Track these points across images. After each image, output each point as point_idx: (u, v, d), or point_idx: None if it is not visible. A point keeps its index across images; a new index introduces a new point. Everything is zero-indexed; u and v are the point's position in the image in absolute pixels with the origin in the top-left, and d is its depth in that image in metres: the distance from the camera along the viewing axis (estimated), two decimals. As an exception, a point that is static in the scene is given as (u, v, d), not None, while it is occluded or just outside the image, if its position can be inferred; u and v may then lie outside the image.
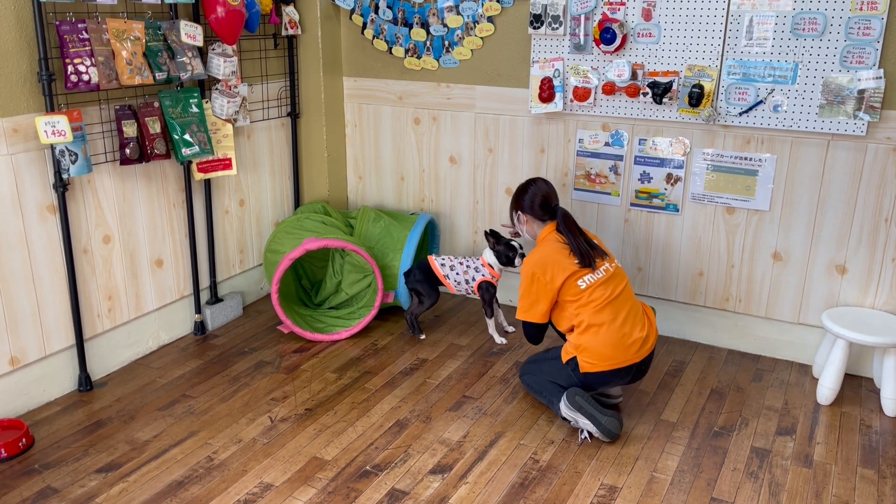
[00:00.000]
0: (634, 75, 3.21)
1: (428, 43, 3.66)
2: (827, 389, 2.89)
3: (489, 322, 3.40)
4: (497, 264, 3.33)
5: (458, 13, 3.53)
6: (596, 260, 2.74)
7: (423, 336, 3.45)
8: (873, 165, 2.91)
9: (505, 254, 3.29)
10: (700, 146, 3.20)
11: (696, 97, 3.09)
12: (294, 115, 3.87)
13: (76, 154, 2.68)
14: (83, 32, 2.65)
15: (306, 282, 3.82)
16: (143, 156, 2.98)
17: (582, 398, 2.64)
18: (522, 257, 3.27)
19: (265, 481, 2.43)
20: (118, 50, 2.75)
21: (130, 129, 2.91)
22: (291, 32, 3.63)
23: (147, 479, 2.44)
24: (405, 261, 3.49)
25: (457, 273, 3.38)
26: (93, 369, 3.04)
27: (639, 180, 3.35)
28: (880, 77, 2.78)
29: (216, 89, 3.27)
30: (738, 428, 2.76)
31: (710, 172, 3.20)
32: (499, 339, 3.40)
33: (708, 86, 3.07)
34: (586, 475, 2.48)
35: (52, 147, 2.67)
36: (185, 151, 3.07)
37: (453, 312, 3.75)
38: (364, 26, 3.80)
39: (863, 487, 2.43)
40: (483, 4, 3.46)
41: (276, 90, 3.75)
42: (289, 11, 3.58)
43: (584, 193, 3.49)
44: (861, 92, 2.83)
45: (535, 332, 2.89)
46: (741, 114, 3.06)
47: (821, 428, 2.77)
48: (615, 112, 3.31)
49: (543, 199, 2.89)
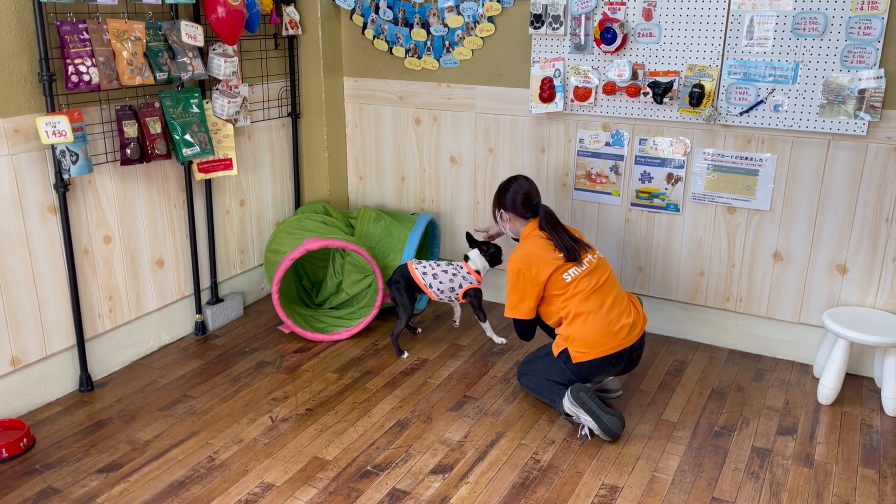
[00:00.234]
0: (635, 75, 3.21)
1: (428, 43, 3.66)
2: (828, 389, 2.89)
3: (485, 325, 3.38)
4: (484, 268, 3.28)
5: (459, 13, 3.53)
6: (581, 253, 2.79)
7: (406, 355, 3.29)
8: (874, 165, 2.91)
9: (497, 256, 3.30)
10: (701, 146, 3.20)
11: (697, 97, 3.09)
12: (294, 116, 3.87)
13: (77, 154, 2.68)
14: (84, 33, 2.65)
15: (307, 282, 3.82)
16: (144, 156, 2.98)
17: (586, 394, 2.65)
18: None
19: (266, 481, 2.43)
20: (119, 50, 2.75)
21: (131, 130, 2.91)
22: (292, 32, 3.63)
23: (148, 480, 2.44)
24: (406, 261, 3.48)
25: (440, 281, 3.24)
26: (94, 369, 3.04)
27: (639, 180, 3.35)
28: (881, 77, 2.78)
29: (217, 89, 3.27)
30: (739, 428, 2.76)
31: (711, 172, 3.20)
32: (498, 340, 3.40)
33: (708, 86, 3.07)
34: (587, 475, 2.48)
35: (53, 147, 2.67)
36: (186, 152, 3.07)
37: (453, 312, 3.74)
38: (364, 26, 3.80)
39: (864, 487, 2.43)
40: (483, 4, 3.46)
41: (277, 90, 3.75)
42: (289, 11, 3.59)
43: (585, 193, 3.49)
44: (862, 91, 2.82)
45: (525, 329, 2.92)
46: (742, 113, 3.06)
47: (822, 428, 2.77)
48: (616, 112, 3.31)
49: (525, 197, 2.92)
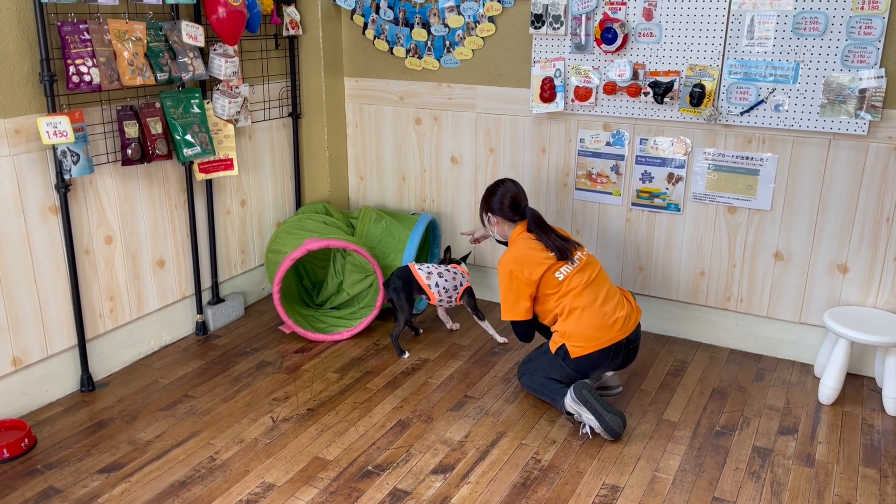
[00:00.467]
0: (636, 75, 3.21)
1: (429, 43, 3.66)
2: (829, 389, 2.89)
3: (485, 325, 3.39)
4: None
5: (459, 13, 3.53)
6: (571, 251, 2.83)
7: (407, 355, 3.29)
8: (875, 165, 2.91)
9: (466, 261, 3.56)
10: (701, 146, 3.20)
11: (698, 97, 3.08)
12: (295, 116, 3.87)
13: (78, 155, 2.68)
14: (85, 33, 2.65)
15: (308, 282, 3.82)
16: (145, 156, 2.98)
17: (588, 392, 2.65)
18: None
19: (267, 481, 2.44)
20: (120, 50, 2.75)
21: (132, 130, 2.91)
22: (292, 33, 3.63)
23: (149, 480, 2.44)
24: (406, 261, 3.49)
25: (445, 280, 3.30)
26: (95, 370, 3.04)
27: (640, 180, 3.35)
28: (882, 76, 2.78)
29: (218, 90, 3.27)
30: (740, 427, 2.76)
31: (712, 172, 3.20)
32: (500, 339, 3.40)
33: (709, 85, 3.07)
34: (588, 475, 2.48)
35: (54, 148, 2.67)
36: (187, 152, 3.08)
37: (453, 312, 3.75)
38: (365, 26, 3.80)
39: (865, 487, 2.43)
40: (484, 4, 3.46)
41: (278, 90, 3.75)
42: (290, 12, 3.59)
43: (586, 193, 3.49)
44: (862, 91, 2.82)
45: (524, 330, 2.94)
46: (742, 113, 3.06)
47: (822, 427, 2.77)
48: (616, 112, 3.31)
49: (513, 200, 2.94)
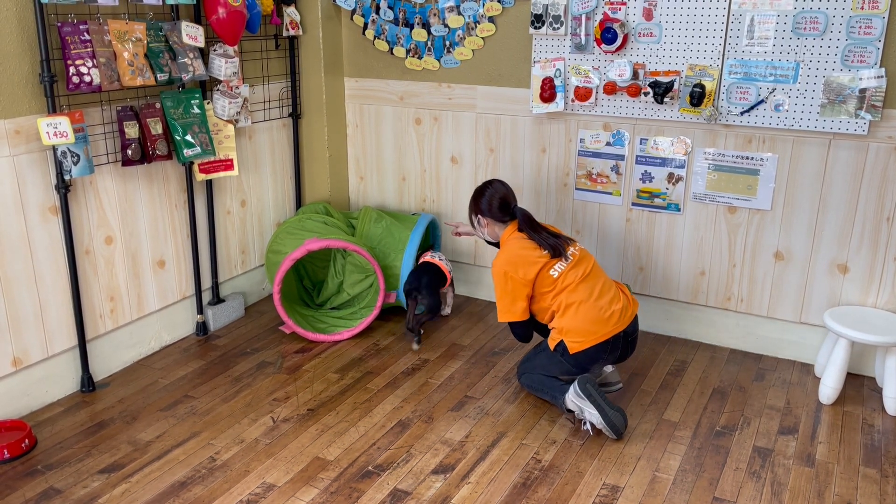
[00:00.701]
0: (636, 75, 3.21)
1: (429, 43, 3.66)
2: (829, 389, 2.89)
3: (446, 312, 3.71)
4: None
5: (459, 13, 3.53)
6: (564, 247, 2.83)
7: (417, 347, 3.37)
8: (875, 164, 2.91)
9: None
10: (701, 146, 3.20)
11: (698, 97, 3.08)
12: (295, 116, 3.87)
13: (78, 155, 2.68)
14: (85, 34, 2.65)
15: (308, 282, 3.82)
16: (145, 157, 2.98)
17: (592, 387, 2.65)
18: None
19: (267, 482, 2.44)
20: (120, 51, 2.75)
21: (132, 131, 2.91)
22: (293, 33, 3.63)
23: (150, 480, 2.44)
24: (406, 261, 3.49)
25: (447, 262, 3.58)
26: (95, 370, 3.04)
27: (640, 180, 3.35)
28: (882, 76, 2.78)
29: (218, 90, 3.27)
30: (741, 427, 2.76)
31: (712, 172, 3.20)
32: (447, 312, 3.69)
33: (709, 85, 3.07)
34: (588, 475, 2.48)
35: (55, 148, 2.67)
36: (187, 152, 3.08)
37: (454, 312, 3.75)
38: (365, 27, 3.80)
39: (865, 487, 2.43)
40: (484, 4, 3.46)
41: (278, 91, 3.75)
42: (290, 12, 3.59)
43: (586, 193, 3.49)
44: (862, 91, 2.82)
45: (522, 331, 2.95)
46: (742, 113, 3.06)
47: (823, 427, 2.77)
48: (616, 112, 3.30)
49: (502, 201, 2.94)
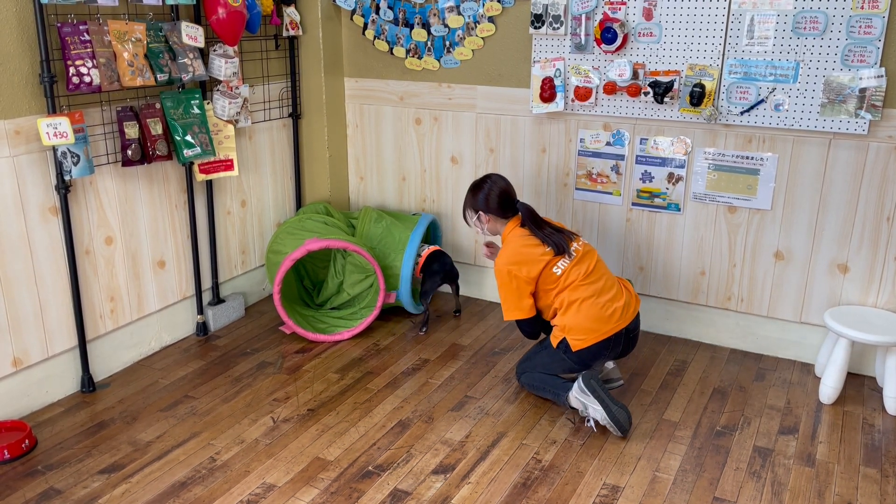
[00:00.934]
0: (636, 75, 3.21)
1: (429, 43, 3.66)
2: (829, 388, 2.89)
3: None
4: None
5: (459, 13, 3.53)
6: (567, 243, 2.80)
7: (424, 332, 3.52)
8: (875, 164, 2.91)
9: None
10: (701, 145, 3.20)
11: (698, 96, 3.08)
12: (295, 116, 3.87)
13: (78, 155, 2.68)
14: (84, 34, 2.65)
15: (308, 282, 3.82)
16: (145, 157, 2.98)
17: (597, 383, 2.66)
18: None
19: (268, 482, 2.44)
20: (120, 51, 2.75)
21: (132, 131, 2.91)
22: (292, 33, 3.63)
23: (150, 480, 2.44)
24: (406, 261, 3.49)
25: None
26: (95, 370, 3.04)
27: (640, 180, 3.35)
28: (882, 76, 2.78)
29: (218, 90, 3.27)
30: (741, 427, 2.76)
31: (712, 172, 3.20)
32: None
33: (709, 85, 3.07)
34: (588, 475, 2.48)
35: (55, 149, 2.67)
36: (187, 153, 3.08)
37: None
38: (365, 27, 3.80)
39: (865, 486, 2.43)
40: (484, 4, 3.46)
41: (278, 91, 3.75)
42: (290, 12, 3.59)
43: (586, 193, 3.49)
44: (862, 91, 2.82)
45: (530, 328, 2.93)
46: (742, 113, 3.06)
47: (823, 427, 2.77)
48: (616, 112, 3.30)
49: (502, 195, 2.89)
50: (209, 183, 3.41)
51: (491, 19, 3.49)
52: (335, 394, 2.98)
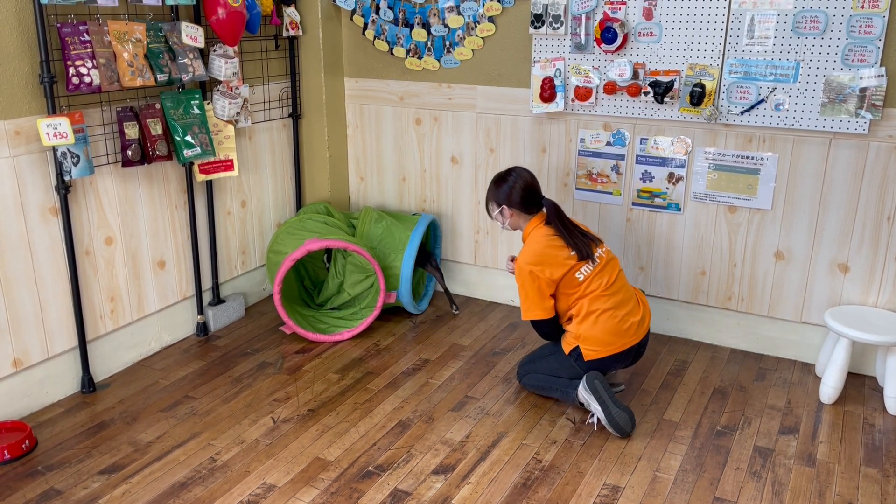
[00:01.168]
0: (636, 74, 3.21)
1: (429, 43, 3.66)
2: (830, 388, 2.89)
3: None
4: None
5: (459, 13, 3.53)
6: (592, 249, 2.75)
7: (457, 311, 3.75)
8: (875, 164, 2.91)
9: None
10: (702, 145, 3.20)
11: (698, 96, 3.08)
12: (295, 116, 3.87)
13: (78, 156, 2.68)
14: (84, 34, 2.65)
15: (308, 282, 3.82)
16: (145, 157, 2.98)
17: (600, 383, 2.65)
18: None
19: (268, 482, 2.44)
20: (119, 52, 2.75)
21: (132, 131, 2.91)
22: (292, 33, 3.63)
23: (150, 481, 2.44)
24: (407, 261, 3.49)
25: None
26: (95, 371, 3.04)
27: (640, 180, 3.35)
28: (882, 75, 2.78)
29: (218, 90, 3.27)
30: (741, 427, 2.76)
31: (712, 171, 3.20)
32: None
33: (709, 85, 3.07)
34: (589, 475, 2.48)
35: (54, 149, 2.67)
36: (187, 153, 3.08)
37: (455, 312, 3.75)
38: (365, 27, 3.80)
39: (866, 486, 2.43)
40: (484, 4, 3.46)
41: (278, 91, 3.75)
42: (290, 12, 3.59)
43: (586, 193, 3.49)
44: (863, 90, 2.82)
45: (548, 329, 2.85)
46: (743, 113, 3.06)
47: (824, 427, 2.76)
48: (617, 111, 3.30)
49: (527, 190, 2.79)
50: (209, 183, 3.41)
51: (491, 19, 3.49)
52: (335, 394, 2.98)
